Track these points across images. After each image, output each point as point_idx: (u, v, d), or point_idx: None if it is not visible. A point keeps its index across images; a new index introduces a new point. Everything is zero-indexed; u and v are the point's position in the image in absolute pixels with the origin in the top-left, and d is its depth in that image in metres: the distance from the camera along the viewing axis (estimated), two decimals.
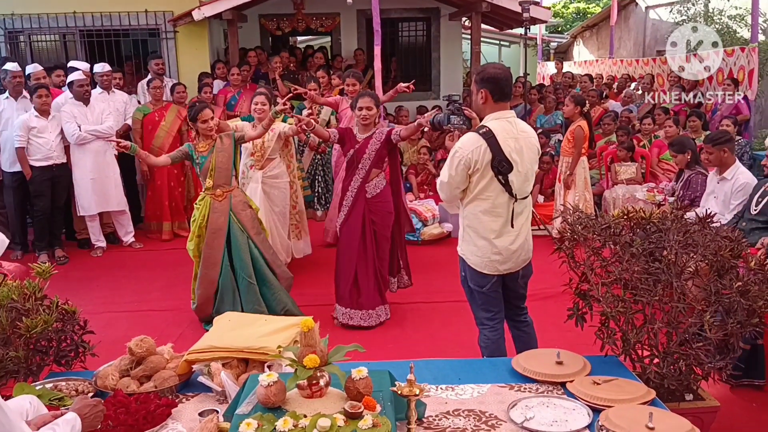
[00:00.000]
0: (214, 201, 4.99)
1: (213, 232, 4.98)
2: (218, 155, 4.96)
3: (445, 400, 2.86)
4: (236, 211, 5.02)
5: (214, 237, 4.99)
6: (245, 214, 5.05)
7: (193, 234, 5.04)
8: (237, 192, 5.11)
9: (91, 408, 2.32)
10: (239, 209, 5.03)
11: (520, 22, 9.39)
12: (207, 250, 5.00)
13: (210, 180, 4.98)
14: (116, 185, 7.22)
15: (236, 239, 5.00)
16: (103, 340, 3.54)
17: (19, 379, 3.07)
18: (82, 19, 9.19)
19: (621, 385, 2.84)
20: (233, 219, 5.01)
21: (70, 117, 6.82)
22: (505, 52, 20.72)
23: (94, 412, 2.32)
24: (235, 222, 5.01)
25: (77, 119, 6.84)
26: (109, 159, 7.14)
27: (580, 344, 3.41)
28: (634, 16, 17.56)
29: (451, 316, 5.20)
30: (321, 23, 11.33)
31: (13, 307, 3.11)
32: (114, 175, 7.20)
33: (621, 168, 7.69)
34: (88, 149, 6.95)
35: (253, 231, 5.07)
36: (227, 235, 4.99)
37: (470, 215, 3.57)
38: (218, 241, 4.98)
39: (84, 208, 7.06)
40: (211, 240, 4.99)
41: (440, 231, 7.39)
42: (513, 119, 3.54)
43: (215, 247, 4.99)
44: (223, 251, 4.99)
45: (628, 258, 3.13)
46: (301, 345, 2.46)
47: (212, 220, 4.97)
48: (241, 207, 5.06)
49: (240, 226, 5.02)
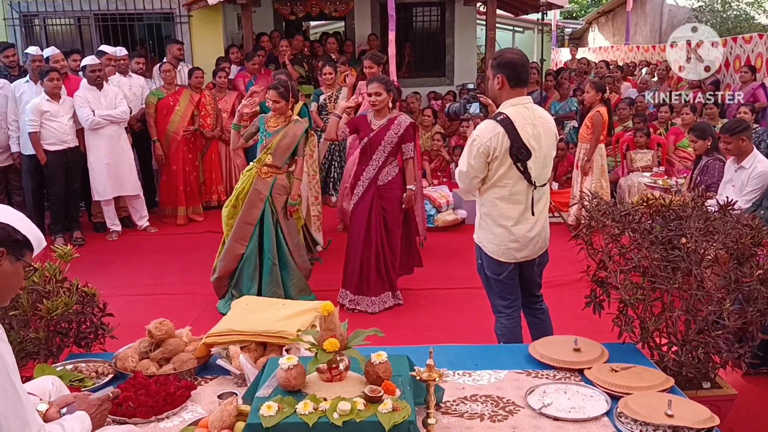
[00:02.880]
0: (259, 177, 5.05)
1: (249, 207, 5.04)
2: (284, 139, 5.02)
3: (463, 386, 2.87)
4: (274, 195, 5.06)
5: (249, 213, 5.05)
6: (281, 199, 5.09)
7: (230, 201, 5.13)
8: (282, 177, 5.13)
9: (96, 408, 2.30)
10: (277, 193, 5.08)
11: (536, 7, 9.34)
12: (239, 224, 5.07)
13: (267, 156, 5.03)
14: (131, 170, 7.25)
15: (267, 221, 5.06)
16: (120, 322, 3.57)
17: (39, 361, 3.11)
18: (97, 3, 9.21)
19: (639, 373, 2.84)
20: (270, 200, 5.06)
21: (84, 102, 6.82)
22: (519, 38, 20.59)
23: (100, 411, 2.30)
24: (270, 204, 5.06)
25: (91, 104, 6.84)
26: (124, 144, 7.16)
27: (596, 332, 3.40)
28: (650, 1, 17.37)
29: (465, 302, 5.20)
30: (335, 8, 11.27)
31: (34, 289, 3.14)
32: (128, 159, 7.22)
33: (637, 155, 7.63)
34: (102, 134, 6.96)
35: (282, 215, 5.11)
36: (261, 214, 5.04)
37: (487, 203, 3.55)
38: (252, 217, 5.05)
39: (99, 192, 7.09)
40: (245, 215, 5.05)
41: (454, 217, 7.38)
42: (530, 105, 3.51)
43: (248, 222, 5.05)
44: (254, 228, 5.05)
45: (648, 245, 3.11)
46: (321, 329, 2.47)
47: (251, 195, 5.03)
48: (279, 191, 5.09)
49: (273, 208, 5.07)
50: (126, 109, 7.10)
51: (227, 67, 8.37)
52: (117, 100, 7.02)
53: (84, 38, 9.68)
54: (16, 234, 2.07)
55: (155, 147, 7.55)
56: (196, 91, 7.72)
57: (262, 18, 10.86)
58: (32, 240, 2.12)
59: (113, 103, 6.99)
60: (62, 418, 2.20)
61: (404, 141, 4.98)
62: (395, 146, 4.99)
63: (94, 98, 6.88)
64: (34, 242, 2.13)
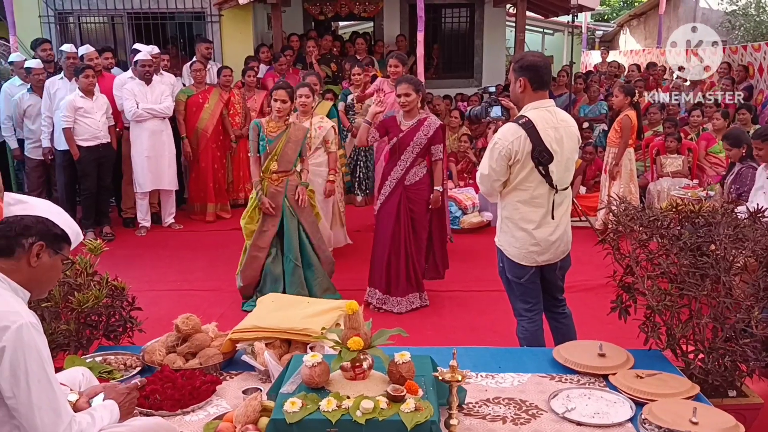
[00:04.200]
0: (270, 185, 5.06)
1: (265, 216, 5.06)
2: (288, 145, 5.02)
3: (485, 388, 2.87)
4: (290, 195, 5.08)
5: (265, 221, 5.07)
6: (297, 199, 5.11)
7: (247, 212, 5.15)
8: (294, 177, 5.15)
9: (125, 397, 2.35)
10: (292, 193, 5.09)
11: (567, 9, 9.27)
12: (258, 234, 5.09)
13: (273, 163, 5.03)
14: (170, 164, 7.41)
15: (287, 222, 5.07)
16: (148, 316, 3.63)
17: (69, 352, 3.18)
18: (130, 1, 9.36)
19: (665, 380, 2.81)
20: (286, 203, 5.07)
21: (131, 95, 7.06)
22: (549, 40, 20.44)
23: (128, 399, 2.35)
24: (287, 206, 5.07)
25: (137, 97, 7.07)
26: (166, 138, 7.34)
27: (621, 337, 3.38)
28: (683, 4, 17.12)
29: (489, 305, 5.19)
30: (364, 8, 11.31)
31: (66, 282, 3.22)
32: (169, 154, 7.38)
33: (667, 161, 7.53)
34: (144, 127, 7.16)
35: (304, 214, 5.12)
36: (280, 218, 5.06)
37: (509, 206, 3.53)
38: (270, 225, 5.06)
39: (140, 185, 7.28)
40: (263, 224, 5.08)
41: (480, 220, 7.36)
42: (552, 108, 3.49)
43: (266, 232, 5.07)
44: (273, 236, 5.07)
45: (676, 251, 3.08)
46: (346, 327, 2.49)
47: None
48: (294, 192, 5.10)
49: (291, 209, 5.08)
50: (170, 105, 7.30)
51: (256, 66, 8.44)
52: (163, 96, 7.25)
53: (117, 36, 9.83)
54: (55, 228, 2.13)
55: (184, 144, 7.65)
56: (225, 89, 7.81)
57: (291, 18, 10.94)
58: (70, 234, 2.18)
59: (159, 98, 7.21)
60: (92, 407, 2.25)
61: (433, 142, 4.98)
62: (424, 147, 4.99)
63: (141, 92, 7.11)
64: (72, 236, 2.19)
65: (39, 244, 2.08)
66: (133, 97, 7.05)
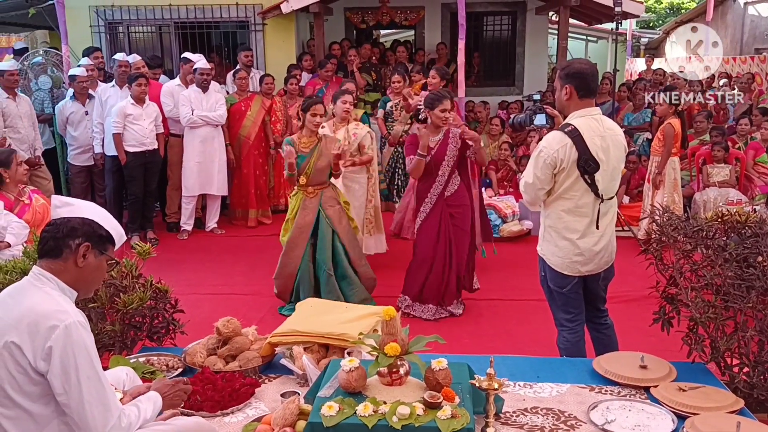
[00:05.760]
0: (306, 198, 5.09)
1: (299, 228, 5.09)
2: (319, 160, 5.03)
3: (523, 397, 2.85)
4: (325, 207, 5.09)
5: (299, 233, 5.09)
6: (333, 210, 5.11)
7: (285, 225, 5.18)
8: (328, 189, 5.16)
9: (170, 387, 2.41)
10: (328, 205, 5.10)
11: (611, 16, 9.14)
12: (289, 245, 5.11)
13: (304, 178, 5.05)
14: (220, 170, 7.55)
15: (322, 233, 5.07)
16: (190, 319, 3.70)
17: (114, 352, 3.26)
18: (177, 11, 9.57)
19: (708, 393, 2.75)
20: (322, 214, 5.08)
21: (186, 101, 7.25)
22: (592, 47, 20.18)
23: (173, 391, 2.40)
24: (324, 217, 5.08)
25: (193, 104, 7.25)
26: (218, 145, 7.50)
27: (663, 349, 3.32)
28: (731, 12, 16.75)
29: (528, 314, 5.14)
30: (405, 17, 11.35)
31: (112, 284, 3.31)
32: (220, 161, 7.53)
33: (714, 170, 7.36)
34: (197, 133, 7.34)
35: (341, 226, 5.11)
36: (315, 228, 5.07)
37: (553, 215, 3.50)
38: (302, 238, 5.08)
39: (188, 188, 7.45)
40: (296, 236, 5.09)
41: (520, 228, 7.30)
42: (599, 116, 3.45)
43: (298, 243, 5.09)
44: (305, 248, 5.07)
45: (721, 262, 3.01)
46: (383, 333, 2.50)
47: (300, 217, 5.07)
48: (330, 203, 5.11)
49: (328, 221, 5.08)
50: (224, 113, 7.46)
51: (298, 74, 8.54)
52: (218, 104, 7.41)
53: (164, 45, 10.08)
54: (100, 230, 2.20)
55: (227, 151, 7.78)
56: (267, 97, 7.93)
57: (333, 26, 11.05)
58: (114, 235, 2.24)
59: (214, 106, 7.38)
60: (137, 398, 2.32)
61: (463, 151, 4.96)
62: (458, 159, 4.98)
63: (197, 99, 7.30)
64: (116, 237, 2.25)
65: (85, 245, 2.15)
66: (189, 104, 7.23)
